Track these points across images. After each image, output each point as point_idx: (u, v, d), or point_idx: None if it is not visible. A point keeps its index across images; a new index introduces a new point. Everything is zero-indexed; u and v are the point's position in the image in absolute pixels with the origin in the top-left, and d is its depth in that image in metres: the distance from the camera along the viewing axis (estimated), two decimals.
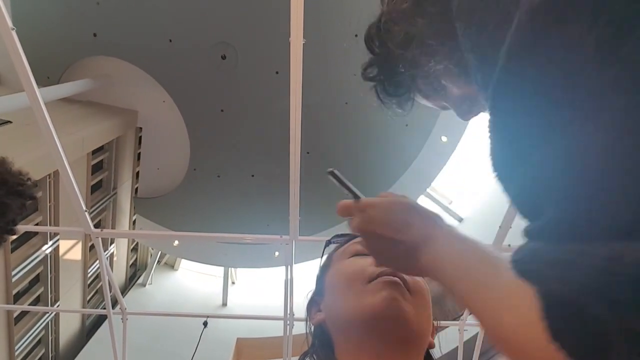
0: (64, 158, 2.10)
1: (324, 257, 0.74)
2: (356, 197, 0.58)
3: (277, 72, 7.11)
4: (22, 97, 4.76)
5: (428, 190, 8.74)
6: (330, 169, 0.60)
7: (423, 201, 9.07)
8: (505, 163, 0.38)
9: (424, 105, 0.71)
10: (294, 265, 3.53)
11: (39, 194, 5.30)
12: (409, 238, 0.50)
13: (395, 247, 0.51)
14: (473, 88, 0.53)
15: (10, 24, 1.85)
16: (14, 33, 1.85)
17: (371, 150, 8.13)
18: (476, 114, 0.63)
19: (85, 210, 2.36)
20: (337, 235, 0.76)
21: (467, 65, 0.48)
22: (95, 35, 6.60)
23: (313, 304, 0.70)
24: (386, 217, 0.53)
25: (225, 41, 6.88)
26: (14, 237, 1.04)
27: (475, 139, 8.40)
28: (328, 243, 0.76)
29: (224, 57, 7.00)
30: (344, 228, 0.64)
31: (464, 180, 8.80)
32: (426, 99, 0.68)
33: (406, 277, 0.59)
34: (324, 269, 0.71)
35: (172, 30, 6.65)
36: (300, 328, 3.99)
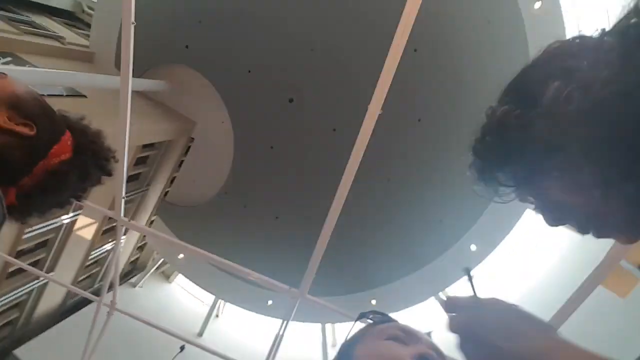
0: (126, 143, 2.20)
1: (354, 329, 0.69)
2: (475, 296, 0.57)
3: (334, 130, 7.34)
4: (112, 80, 5.23)
5: (441, 294, 8.34)
6: (467, 267, 0.63)
7: (432, 304, 8.63)
8: None
9: (467, 205, 0.68)
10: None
11: None
12: (521, 349, 0.47)
13: (500, 356, 0.48)
14: (587, 200, 0.52)
15: (132, 18, 2.04)
16: (132, 27, 2.03)
17: (398, 235, 7.98)
18: (564, 224, 0.60)
19: (123, 198, 2.41)
20: (375, 312, 0.72)
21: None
22: (187, 47, 7.19)
23: None
24: (497, 322, 0.50)
25: (298, 87, 7.26)
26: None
27: (505, 261, 8.07)
28: (362, 316, 0.71)
29: (291, 101, 7.36)
30: (343, 301, 0.61)
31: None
32: (522, 194, 0.64)
33: None
34: (353, 342, 0.67)
35: (255, 63, 7.13)
36: None
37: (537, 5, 5.78)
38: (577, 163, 0.50)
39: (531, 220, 7.79)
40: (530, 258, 7.76)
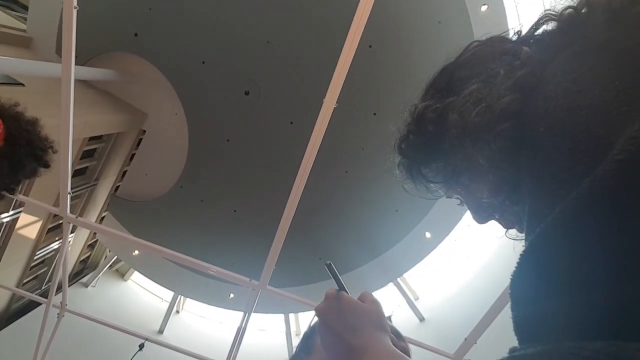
0: (70, 136, 2.09)
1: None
2: (342, 288, 0.64)
3: (291, 122, 7.34)
4: (53, 67, 4.89)
5: (399, 280, 8.66)
6: (328, 262, 0.67)
7: (390, 290, 8.94)
8: (534, 289, 0.39)
9: (420, 196, 0.71)
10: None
11: None
12: (353, 342, 0.55)
13: (339, 343, 0.57)
14: (500, 202, 0.56)
15: (75, 2, 1.93)
16: (75, 12, 1.93)
17: (357, 224, 8.16)
18: (489, 221, 0.65)
19: (69, 193, 2.30)
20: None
21: (510, 183, 0.50)
22: (136, 35, 6.86)
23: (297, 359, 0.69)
24: (345, 315, 0.59)
25: (254, 79, 7.17)
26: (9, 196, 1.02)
27: (457, 244, 8.50)
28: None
29: (247, 93, 7.26)
30: (305, 291, 0.65)
31: (436, 282, 8.75)
32: (448, 190, 0.67)
33: None
34: (316, 329, 0.71)
35: (209, 54, 6.95)
36: None
37: (484, 8, 6.20)
38: (480, 163, 0.54)
39: None
40: (477, 242, 8.23)
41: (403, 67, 6.60)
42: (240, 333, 3.37)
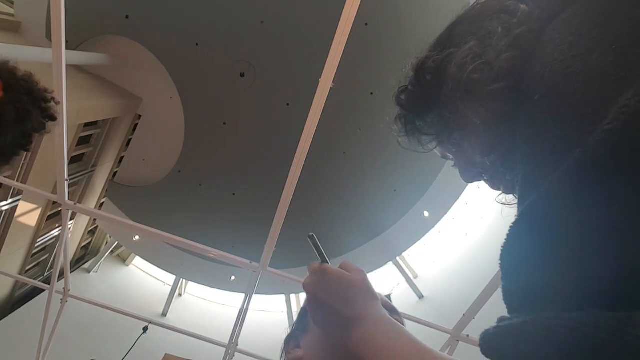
0: (64, 123, 2.07)
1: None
2: (324, 261, 0.63)
3: (288, 104, 7.28)
4: (43, 52, 4.80)
5: (398, 259, 8.76)
6: (311, 234, 0.65)
7: (389, 269, 9.06)
8: (522, 257, 0.40)
9: (418, 175, 0.71)
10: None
11: None
12: (347, 313, 0.55)
13: (333, 316, 0.56)
14: (491, 161, 0.56)
15: None
16: None
17: (355, 205, 8.20)
18: (478, 180, 0.65)
19: (66, 180, 2.29)
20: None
21: (503, 145, 0.50)
22: (127, 17, 6.72)
23: (292, 338, 0.68)
24: (335, 287, 0.58)
25: (249, 60, 7.07)
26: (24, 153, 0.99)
27: (455, 223, 8.57)
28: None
29: (242, 75, 7.17)
30: (305, 271, 0.65)
31: (435, 260, 8.86)
32: (440, 145, 0.67)
33: None
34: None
35: (203, 36, 6.82)
36: None
37: None
38: (473, 122, 0.54)
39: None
40: (475, 220, 8.29)
41: (400, 45, 6.50)
42: (242, 314, 3.42)
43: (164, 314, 9.49)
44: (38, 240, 7.03)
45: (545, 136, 0.40)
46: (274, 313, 10.38)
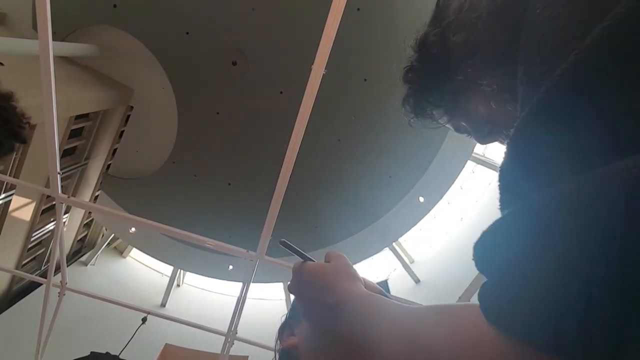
0: (54, 115, 2.04)
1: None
2: (305, 259, 0.63)
3: (281, 92, 7.23)
4: (29, 44, 4.71)
5: (394, 244, 8.83)
6: (282, 240, 0.66)
7: (386, 254, 9.14)
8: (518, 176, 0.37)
9: (413, 160, 0.72)
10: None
11: None
12: (328, 300, 0.54)
13: (318, 308, 0.55)
14: (503, 115, 0.56)
15: None
16: None
17: (351, 192, 8.22)
18: (493, 141, 0.65)
19: (59, 173, 2.27)
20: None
21: (512, 91, 0.48)
22: (115, 6, 6.59)
23: (286, 327, 0.68)
24: (314, 280, 0.57)
25: (241, 49, 6.98)
26: None
27: (450, 207, 8.63)
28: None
29: (234, 64, 7.08)
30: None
31: (431, 244, 8.94)
32: (450, 116, 0.67)
33: None
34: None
35: (193, 24, 6.72)
36: (235, 349, 3.86)
37: None
38: (484, 70, 0.54)
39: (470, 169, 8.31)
40: (470, 204, 8.36)
41: (393, 31, 6.44)
42: (240, 303, 3.45)
43: (163, 305, 9.55)
44: (33, 234, 7.01)
45: (543, 50, 0.38)
46: (272, 301, 10.46)
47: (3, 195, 5.71)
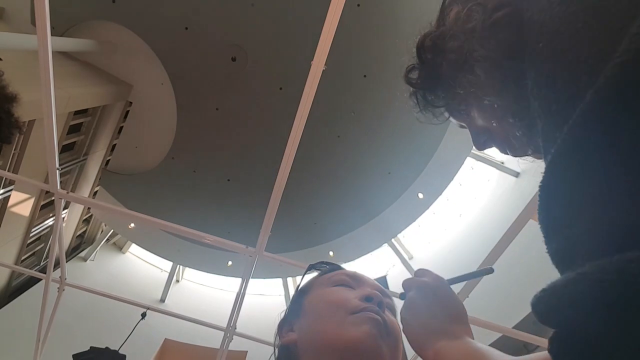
0: (53, 111, 2.04)
1: (304, 280, 0.74)
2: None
3: (280, 88, 7.21)
4: (28, 39, 4.68)
5: (393, 241, 8.85)
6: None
7: (385, 250, 9.16)
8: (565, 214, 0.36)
9: (412, 156, 0.73)
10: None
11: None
12: (435, 326, 0.54)
13: (430, 319, 0.56)
14: (501, 131, 0.56)
15: None
16: None
17: (350, 188, 8.22)
18: (489, 147, 0.67)
19: (57, 169, 2.27)
20: (322, 262, 0.76)
21: (514, 107, 0.49)
22: (114, 1, 6.56)
23: (286, 323, 0.69)
24: (419, 302, 0.58)
25: (240, 45, 6.96)
26: None
27: (450, 203, 8.64)
28: (311, 267, 0.76)
29: (234, 59, 7.06)
30: (302, 255, 0.65)
31: (430, 241, 8.96)
32: (451, 115, 0.69)
33: (386, 319, 0.61)
34: (303, 292, 0.71)
35: (193, 19, 6.69)
36: (234, 344, 3.88)
37: None
38: (478, 80, 0.54)
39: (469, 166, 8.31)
40: (469, 200, 8.37)
41: (393, 27, 6.42)
42: (239, 298, 3.46)
43: (162, 300, 9.57)
44: (33, 229, 7.01)
45: (555, 85, 0.37)
46: (271, 296, 10.50)
47: (2, 191, 5.71)
